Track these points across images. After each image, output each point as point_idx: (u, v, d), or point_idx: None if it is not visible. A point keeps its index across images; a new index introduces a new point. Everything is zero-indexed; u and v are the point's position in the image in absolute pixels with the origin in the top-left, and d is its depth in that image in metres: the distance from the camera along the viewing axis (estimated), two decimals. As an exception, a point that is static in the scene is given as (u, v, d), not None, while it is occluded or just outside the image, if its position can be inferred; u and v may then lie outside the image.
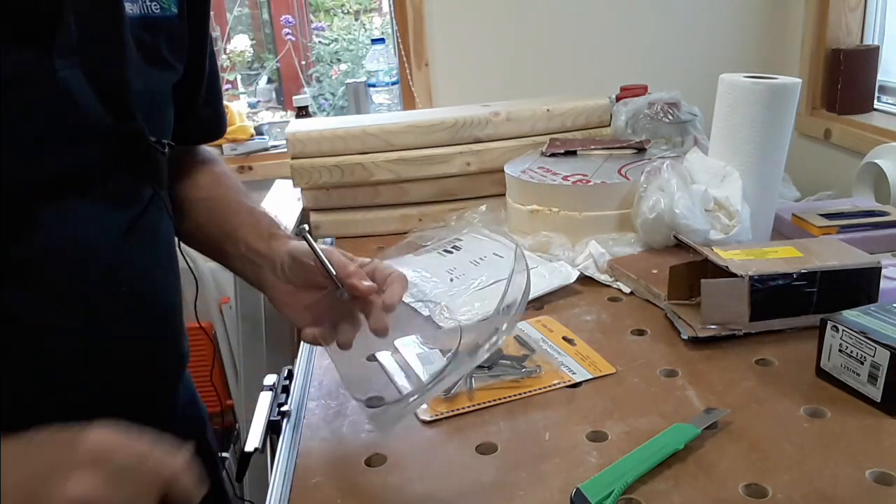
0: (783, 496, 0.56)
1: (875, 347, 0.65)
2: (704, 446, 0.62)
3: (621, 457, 0.60)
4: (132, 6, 0.62)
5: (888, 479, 0.57)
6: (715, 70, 1.10)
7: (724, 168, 1.03)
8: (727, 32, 1.79)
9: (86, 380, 0.62)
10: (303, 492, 0.61)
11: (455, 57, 1.76)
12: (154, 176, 0.67)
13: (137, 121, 0.63)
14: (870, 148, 1.31)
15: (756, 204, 1.00)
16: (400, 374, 0.77)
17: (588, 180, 1.07)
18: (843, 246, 0.85)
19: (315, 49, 2.32)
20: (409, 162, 1.23)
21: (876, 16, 1.58)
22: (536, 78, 1.76)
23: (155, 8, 0.65)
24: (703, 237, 0.96)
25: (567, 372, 0.76)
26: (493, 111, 1.27)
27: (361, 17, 2.47)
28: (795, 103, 0.99)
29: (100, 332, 0.62)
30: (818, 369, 0.72)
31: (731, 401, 0.69)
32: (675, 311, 0.84)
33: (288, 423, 0.73)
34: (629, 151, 1.23)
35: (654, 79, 1.54)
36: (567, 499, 0.57)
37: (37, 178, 0.57)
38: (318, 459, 0.65)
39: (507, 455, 0.64)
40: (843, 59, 1.54)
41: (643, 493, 0.57)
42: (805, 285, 0.78)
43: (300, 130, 1.24)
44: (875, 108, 1.55)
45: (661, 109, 1.33)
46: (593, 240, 1.03)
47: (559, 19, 1.75)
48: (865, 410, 0.66)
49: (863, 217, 1.06)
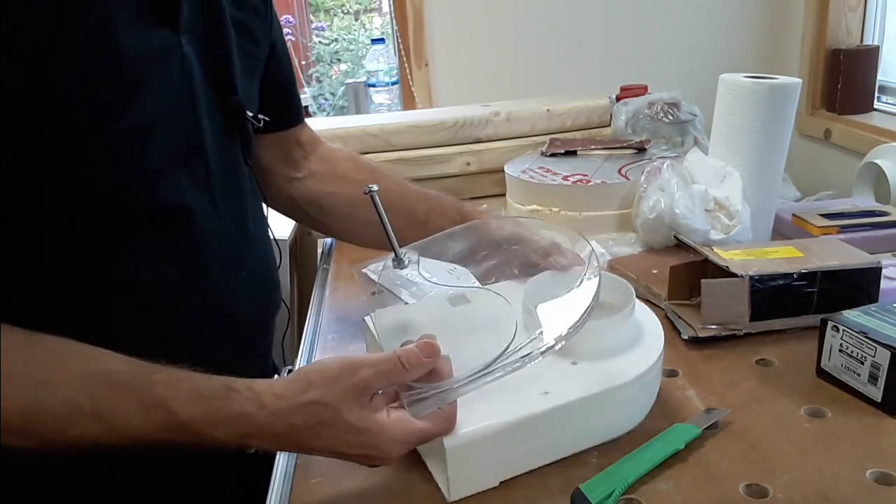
0: (783, 496, 0.56)
1: (875, 347, 0.65)
2: (705, 446, 0.62)
3: (622, 457, 0.60)
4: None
5: (888, 479, 0.57)
6: (715, 70, 1.10)
7: (724, 168, 1.03)
8: (727, 32, 1.79)
9: (215, 340, 0.67)
10: (303, 492, 0.61)
11: (455, 57, 1.76)
12: (249, 152, 0.71)
13: (238, 95, 0.66)
14: (870, 148, 1.31)
15: (756, 204, 1.00)
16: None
17: (588, 180, 1.07)
18: (843, 246, 0.85)
19: (315, 49, 2.32)
20: (409, 162, 1.23)
21: (876, 16, 1.58)
22: (536, 78, 1.76)
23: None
24: (703, 237, 0.96)
25: (567, 372, 0.76)
26: (493, 111, 1.27)
27: (361, 17, 2.48)
28: (795, 103, 0.99)
29: (231, 303, 0.68)
30: (818, 369, 0.72)
31: (732, 401, 0.69)
32: (675, 311, 0.84)
33: (288, 423, 0.73)
34: (629, 151, 1.23)
35: (654, 79, 1.54)
36: (567, 499, 0.57)
37: (176, 158, 0.60)
38: (319, 459, 0.65)
39: (508, 455, 0.63)
40: (843, 59, 1.54)
41: (643, 493, 0.57)
42: (805, 285, 0.78)
43: (300, 130, 1.24)
44: (875, 108, 1.55)
45: (661, 109, 1.33)
46: (593, 240, 1.03)
47: (559, 19, 1.75)
48: (866, 410, 0.66)
49: (863, 217, 1.06)
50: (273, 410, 0.51)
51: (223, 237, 0.66)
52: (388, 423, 0.52)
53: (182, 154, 0.61)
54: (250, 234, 0.71)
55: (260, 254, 0.74)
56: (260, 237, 0.75)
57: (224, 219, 0.66)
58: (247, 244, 0.70)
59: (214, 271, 0.65)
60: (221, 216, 0.66)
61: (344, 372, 0.52)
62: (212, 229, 0.64)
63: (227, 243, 0.67)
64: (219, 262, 0.66)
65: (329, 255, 1.19)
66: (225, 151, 0.67)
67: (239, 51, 0.67)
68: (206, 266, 0.65)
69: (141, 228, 0.59)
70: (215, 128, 0.65)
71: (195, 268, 0.63)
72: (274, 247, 0.80)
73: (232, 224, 0.68)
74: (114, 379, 0.51)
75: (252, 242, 0.72)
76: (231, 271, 0.68)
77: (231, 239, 0.67)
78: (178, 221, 0.61)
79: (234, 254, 0.68)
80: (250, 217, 0.72)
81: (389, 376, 0.53)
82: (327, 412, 0.51)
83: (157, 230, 0.60)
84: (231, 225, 0.68)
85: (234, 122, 0.67)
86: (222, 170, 0.66)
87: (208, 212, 0.64)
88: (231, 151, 0.69)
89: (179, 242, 0.62)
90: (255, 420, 0.51)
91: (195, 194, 0.63)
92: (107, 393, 0.50)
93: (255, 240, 0.73)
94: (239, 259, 0.69)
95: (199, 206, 0.63)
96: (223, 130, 0.66)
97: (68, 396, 0.49)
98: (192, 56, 0.61)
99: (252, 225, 0.72)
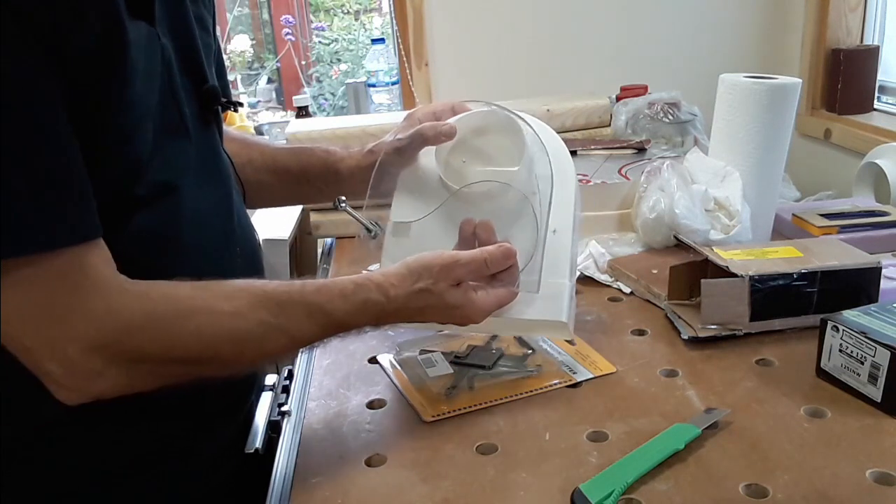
0: (783, 496, 0.56)
1: (875, 347, 0.65)
2: (705, 446, 0.62)
3: (621, 457, 0.60)
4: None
5: (888, 479, 0.57)
6: (715, 70, 1.10)
7: (724, 168, 1.03)
8: (727, 32, 1.79)
9: None
10: (303, 492, 0.61)
11: (455, 57, 1.76)
12: (221, 138, 0.75)
13: (209, 82, 0.69)
14: (870, 148, 1.31)
15: (756, 204, 1.00)
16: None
17: (588, 180, 1.07)
18: (843, 246, 0.85)
19: (315, 49, 2.32)
20: (409, 162, 1.23)
21: (876, 16, 1.57)
22: (536, 78, 1.76)
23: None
24: (703, 237, 0.96)
25: (567, 372, 0.76)
26: (493, 111, 1.27)
27: (361, 17, 2.48)
28: (795, 103, 0.99)
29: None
30: (818, 369, 0.72)
31: (732, 401, 0.69)
32: (675, 311, 0.84)
33: (288, 423, 0.73)
34: (629, 151, 1.23)
35: (654, 79, 1.54)
36: (567, 499, 0.57)
37: (163, 144, 0.62)
38: (318, 459, 0.65)
39: (507, 455, 0.64)
40: (843, 59, 1.53)
41: (643, 493, 0.57)
42: (805, 285, 0.78)
43: (300, 130, 1.24)
44: (875, 108, 1.54)
45: (661, 109, 1.33)
46: (593, 240, 1.03)
47: (559, 19, 1.75)
48: (866, 410, 0.66)
49: (863, 217, 1.06)
50: (395, 297, 0.64)
51: (212, 216, 0.69)
52: (475, 299, 0.67)
53: (169, 138, 0.63)
54: (238, 215, 0.74)
55: (248, 234, 0.78)
56: (245, 218, 0.78)
57: (211, 200, 0.69)
58: (236, 224, 0.73)
59: (209, 249, 0.68)
60: (208, 197, 0.68)
61: (444, 269, 0.66)
62: (200, 208, 0.66)
63: (217, 222, 0.70)
64: (212, 240, 0.68)
65: (329, 255, 1.19)
66: (204, 137, 0.70)
67: (201, 42, 0.70)
68: (203, 243, 0.67)
69: (136, 208, 0.60)
70: (192, 114, 0.67)
71: (191, 245, 0.65)
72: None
73: (219, 205, 0.71)
74: (279, 298, 0.61)
75: (241, 223, 0.75)
76: (224, 248, 0.71)
77: (221, 217, 0.71)
78: (169, 200, 0.63)
79: (226, 233, 0.71)
80: (235, 199, 0.75)
81: (476, 272, 0.68)
82: (433, 298, 0.65)
83: (150, 210, 0.61)
84: (219, 206, 0.70)
85: (209, 108, 0.70)
86: (204, 154, 0.69)
87: (195, 192, 0.66)
88: (209, 137, 0.71)
89: (170, 221, 0.63)
90: (385, 306, 0.64)
91: (183, 177, 0.65)
92: (278, 310, 0.60)
93: (242, 220, 0.76)
94: (230, 238, 0.72)
95: (186, 186, 0.64)
96: (199, 117, 0.69)
97: (258, 318, 0.59)
98: (169, 47, 0.63)
99: (237, 206, 0.75)
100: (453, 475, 0.61)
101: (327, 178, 0.87)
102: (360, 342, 0.84)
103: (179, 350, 0.57)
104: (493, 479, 0.60)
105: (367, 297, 0.64)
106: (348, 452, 0.66)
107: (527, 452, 0.64)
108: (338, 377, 0.78)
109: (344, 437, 0.68)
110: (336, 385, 0.77)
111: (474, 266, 0.67)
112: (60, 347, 0.53)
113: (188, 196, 0.64)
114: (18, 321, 0.52)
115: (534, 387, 0.73)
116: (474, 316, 0.68)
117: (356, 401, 0.74)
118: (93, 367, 0.54)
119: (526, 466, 0.62)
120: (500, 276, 0.70)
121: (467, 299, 0.67)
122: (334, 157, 0.87)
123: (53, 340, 0.53)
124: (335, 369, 0.80)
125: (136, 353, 0.56)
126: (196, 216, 0.65)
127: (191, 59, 0.67)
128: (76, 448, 0.62)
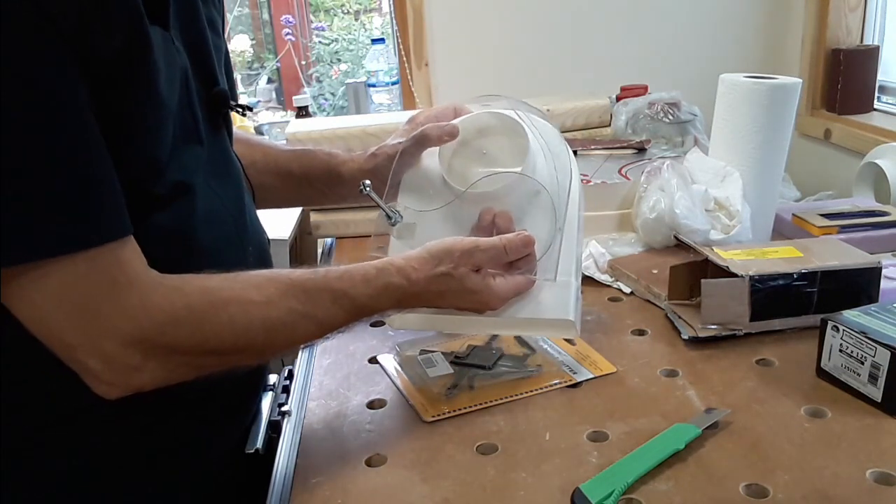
0: (784, 496, 0.56)
1: (875, 347, 0.65)
2: (705, 446, 0.62)
3: (622, 457, 0.60)
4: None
5: (888, 479, 0.57)
6: (715, 70, 1.10)
7: (724, 168, 1.03)
8: (727, 32, 1.79)
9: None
10: (303, 492, 0.61)
11: (455, 57, 1.76)
12: (232, 138, 0.75)
13: (220, 85, 0.70)
14: (870, 148, 1.31)
15: (756, 204, 1.00)
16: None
17: (588, 180, 1.07)
18: (843, 246, 0.85)
19: (315, 49, 2.32)
20: (410, 162, 1.23)
21: (876, 16, 1.58)
22: (536, 78, 1.76)
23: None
24: (703, 237, 0.96)
25: (567, 372, 0.76)
26: (493, 111, 1.26)
27: (361, 17, 2.48)
28: (795, 103, 0.99)
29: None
30: (818, 369, 0.72)
31: (732, 401, 0.69)
32: (675, 311, 0.84)
33: (288, 423, 0.73)
34: (629, 151, 1.23)
35: (654, 79, 1.54)
36: (567, 499, 0.57)
37: (179, 145, 0.62)
38: (318, 459, 0.65)
39: (507, 455, 0.64)
40: (843, 59, 1.53)
41: (643, 493, 0.57)
42: (805, 285, 0.78)
43: (300, 130, 1.24)
44: (875, 108, 1.55)
45: (661, 109, 1.33)
46: (593, 240, 1.03)
47: (559, 19, 1.75)
48: (866, 410, 0.66)
49: (863, 217, 1.06)
50: (416, 280, 0.66)
51: (225, 216, 0.69)
52: (493, 285, 0.69)
53: (184, 140, 0.63)
54: (249, 216, 0.75)
55: (259, 234, 0.78)
56: (256, 218, 0.79)
57: (223, 200, 0.69)
58: (248, 224, 0.74)
59: (222, 248, 0.68)
60: (221, 197, 0.69)
61: (464, 254, 0.67)
62: (214, 208, 0.67)
63: (230, 221, 0.70)
64: (225, 240, 0.69)
65: (329, 254, 1.19)
66: (216, 140, 0.70)
67: (213, 45, 0.70)
68: (217, 242, 0.67)
69: (154, 208, 0.60)
70: (204, 117, 0.67)
71: (205, 244, 0.65)
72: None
73: (232, 205, 0.71)
74: (305, 285, 0.62)
75: (252, 223, 0.75)
76: (236, 247, 0.71)
77: (234, 217, 0.71)
78: (184, 200, 0.63)
79: (238, 232, 0.71)
80: (246, 200, 0.75)
81: (496, 258, 0.69)
82: (454, 282, 0.67)
83: (167, 209, 0.62)
84: (231, 206, 0.70)
85: (219, 111, 0.71)
86: (215, 156, 0.69)
87: (208, 192, 0.66)
88: (220, 139, 0.72)
89: (186, 220, 0.63)
90: (406, 290, 0.66)
91: (196, 177, 0.65)
92: (305, 297, 0.62)
93: (253, 220, 0.76)
94: (243, 238, 0.72)
95: (199, 187, 0.65)
96: (209, 120, 0.69)
97: (288, 307, 0.61)
98: (182, 51, 0.64)
99: (249, 207, 0.75)
100: (453, 475, 0.61)
101: (329, 181, 0.87)
102: (360, 342, 0.84)
103: (214, 341, 0.58)
104: (493, 479, 0.60)
105: (389, 280, 0.65)
106: (348, 452, 0.66)
107: (527, 452, 0.64)
108: (338, 377, 0.78)
109: (344, 437, 0.68)
110: (336, 385, 0.77)
111: (494, 252, 0.69)
112: (100, 343, 0.54)
113: (202, 196, 0.65)
114: (59, 318, 0.53)
115: (534, 387, 0.73)
116: (492, 302, 0.69)
117: (356, 401, 0.74)
118: (132, 361, 0.55)
119: (526, 466, 0.62)
120: (517, 263, 0.71)
121: (486, 285, 0.68)
122: (336, 161, 0.87)
123: (93, 336, 0.54)
124: (335, 369, 0.80)
125: (173, 346, 0.57)
126: (210, 216, 0.66)
127: (203, 62, 0.68)
128: (91, 443, 0.62)
